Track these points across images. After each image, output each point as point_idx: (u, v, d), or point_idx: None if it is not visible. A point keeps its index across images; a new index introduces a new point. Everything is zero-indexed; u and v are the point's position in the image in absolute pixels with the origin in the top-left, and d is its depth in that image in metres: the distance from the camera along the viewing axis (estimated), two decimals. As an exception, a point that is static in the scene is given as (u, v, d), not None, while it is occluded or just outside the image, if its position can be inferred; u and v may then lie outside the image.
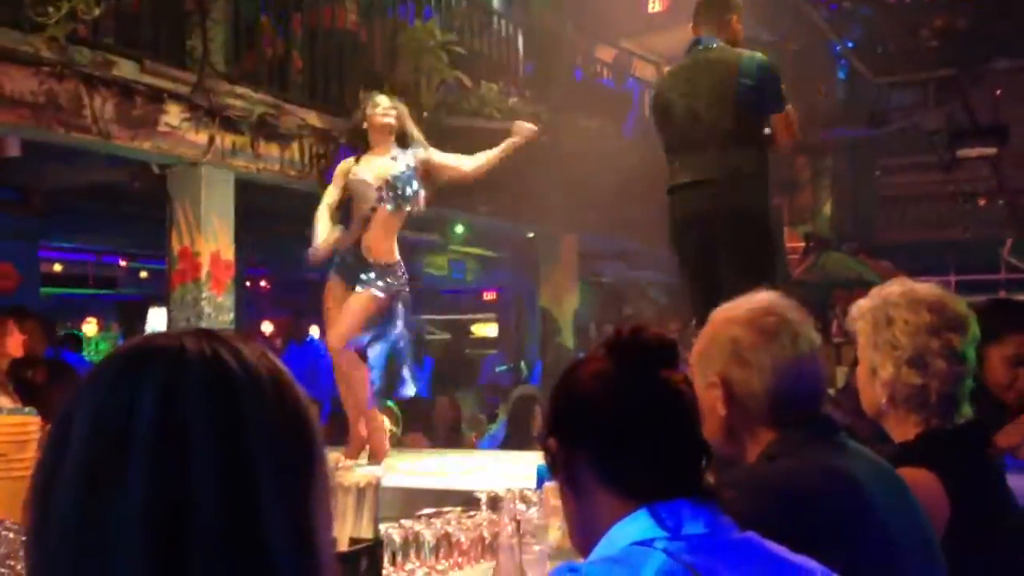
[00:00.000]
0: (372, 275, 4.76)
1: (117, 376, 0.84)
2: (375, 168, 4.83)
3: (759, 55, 4.42)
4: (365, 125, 4.88)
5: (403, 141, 4.90)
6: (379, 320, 4.82)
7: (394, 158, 4.86)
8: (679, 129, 4.39)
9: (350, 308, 4.73)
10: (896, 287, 2.11)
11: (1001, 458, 2.33)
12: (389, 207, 4.78)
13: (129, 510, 0.78)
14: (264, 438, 0.83)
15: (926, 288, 2.10)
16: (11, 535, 2.03)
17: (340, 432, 4.96)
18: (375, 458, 4.78)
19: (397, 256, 4.87)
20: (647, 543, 1.27)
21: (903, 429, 2.07)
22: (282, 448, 0.84)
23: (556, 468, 1.42)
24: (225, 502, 0.80)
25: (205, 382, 0.83)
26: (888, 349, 2.04)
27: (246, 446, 0.82)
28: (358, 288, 4.75)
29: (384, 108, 4.89)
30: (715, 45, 4.42)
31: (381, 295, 4.75)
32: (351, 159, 4.94)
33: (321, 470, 0.88)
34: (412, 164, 4.84)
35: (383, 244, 4.80)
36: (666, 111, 4.47)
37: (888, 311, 2.05)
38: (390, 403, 7.66)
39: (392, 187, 4.79)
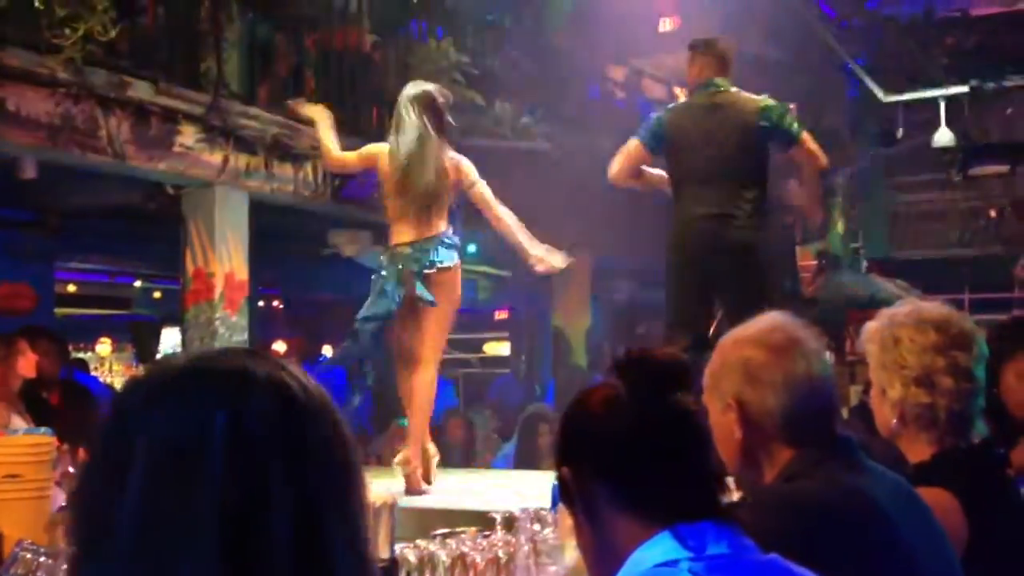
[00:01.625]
0: None
1: (185, 400, 0.86)
2: None
3: (771, 100, 4.73)
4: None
5: None
6: None
7: None
8: (695, 164, 4.63)
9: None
10: (903, 307, 2.12)
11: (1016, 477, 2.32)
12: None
13: (205, 529, 0.81)
14: (324, 457, 0.87)
15: (933, 307, 2.11)
16: (28, 555, 2.03)
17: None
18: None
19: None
20: (672, 564, 1.26)
21: (917, 449, 2.07)
22: (338, 466, 0.88)
23: (570, 498, 1.40)
24: (297, 522, 0.83)
25: (274, 403, 0.86)
26: (896, 369, 2.04)
27: (312, 463, 0.86)
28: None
29: None
30: (732, 89, 4.72)
31: None
32: None
33: (363, 487, 0.92)
34: None
35: None
36: (681, 146, 4.70)
37: (895, 331, 2.06)
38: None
39: None
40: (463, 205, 4.96)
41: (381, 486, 4.33)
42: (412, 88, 4.90)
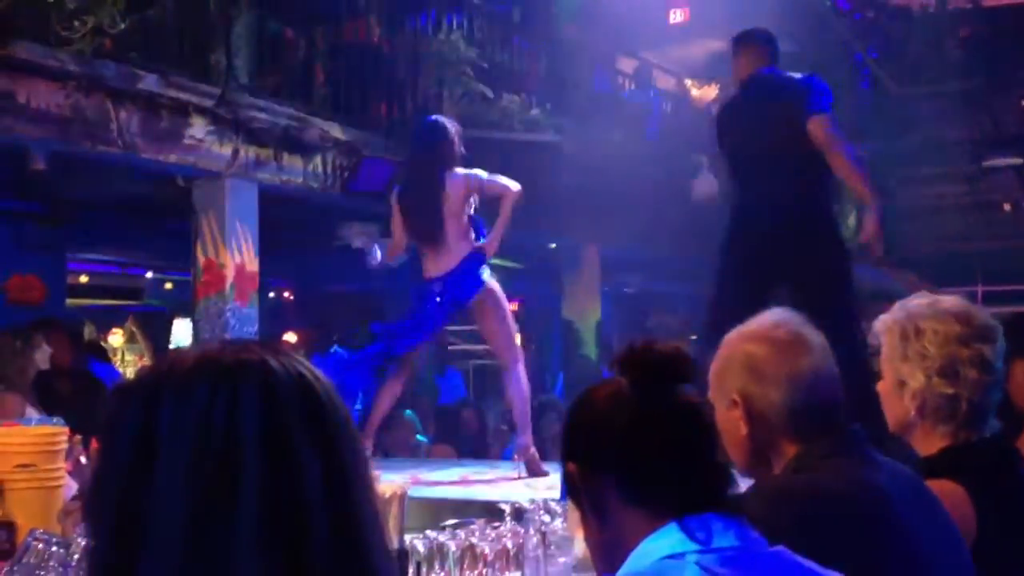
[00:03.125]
0: None
1: (211, 391, 0.86)
2: None
3: (812, 78, 4.62)
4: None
5: None
6: None
7: None
8: (747, 150, 4.57)
9: None
10: (921, 299, 2.11)
11: None
12: None
13: (247, 518, 0.82)
14: (345, 443, 0.89)
15: (951, 300, 2.10)
16: (40, 545, 2.04)
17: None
18: None
19: None
20: (679, 556, 1.26)
21: (930, 442, 2.06)
22: (356, 452, 0.91)
23: (577, 493, 1.40)
24: (332, 507, 0.85)
25: (297, 393, 0.88)
26: (918, 359, 2.03)
27: (336, 451, 0.88)
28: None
29: None
30: (775, 73, 4.65)
31: None
32: None
33: (372, 473, 0.95)
34: None
35: None
36: (733, 140, 4.66)
37: (916, 322, 2.05)
38: (408, 413, 7.70)
39: None
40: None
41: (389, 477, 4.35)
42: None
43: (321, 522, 0.83)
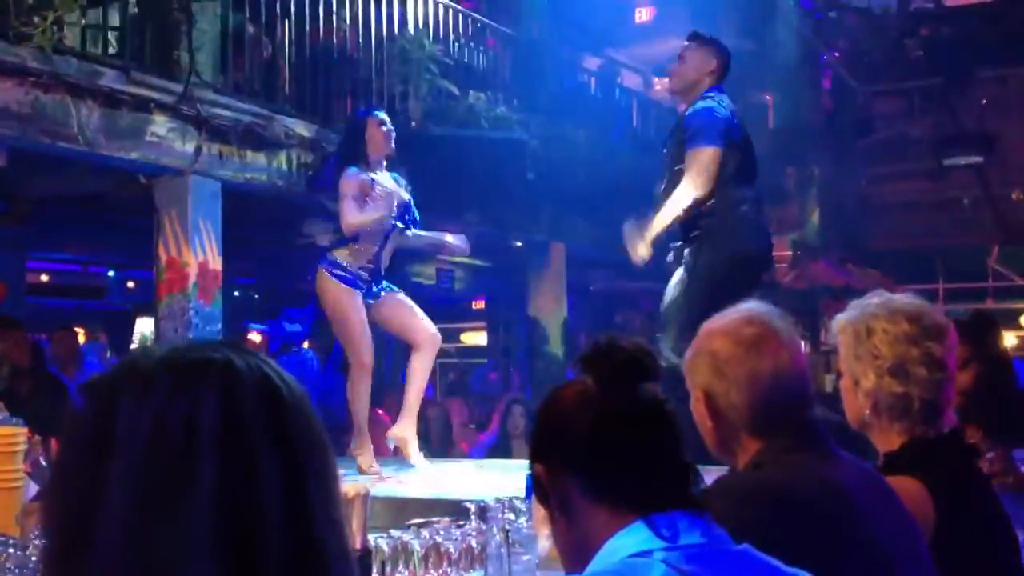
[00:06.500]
0: (385, 283, 5.11)
1: (171, 390, 0.86)
2: (389, 186, 5.03)
3: None
4: (366, 138, 4.96)
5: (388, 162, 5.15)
6: None
7: (397, 182, 5.11)
8: (748, 164, 4.73)
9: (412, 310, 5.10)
10: (875, 299, 2.13)
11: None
12: (409, 232, 5.14)
13: (198, 517, 0.81)
14: (307, 444, 0.89)
15: (904, 299, 2.12)
16: (-3, 547, 2.01)
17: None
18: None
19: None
20: (646, 554, 1.27)
21: (887, 439, 2.09)
22: (318, 454, 0.91)
23: (545, 494, 1.41)
24: (288, 505, 0.85)
25: (259, 394, 0.88)
26: (869, 359, 2.06)
27: (297, 452, 0.88)
28: (385, 295, 5.07)
29: (389, 127, 5.01)
30: None
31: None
32: (360, 170, 4.97)
33: (337, 474, 0.94)
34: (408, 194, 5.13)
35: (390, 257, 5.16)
36: (744, 145, 4.72)
37: (868, 322, 2.07)
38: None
39: (408, 211, 5.11)
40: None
41: (354, 476, 4.34)
42: None
43: (276, 525, 0.83)
